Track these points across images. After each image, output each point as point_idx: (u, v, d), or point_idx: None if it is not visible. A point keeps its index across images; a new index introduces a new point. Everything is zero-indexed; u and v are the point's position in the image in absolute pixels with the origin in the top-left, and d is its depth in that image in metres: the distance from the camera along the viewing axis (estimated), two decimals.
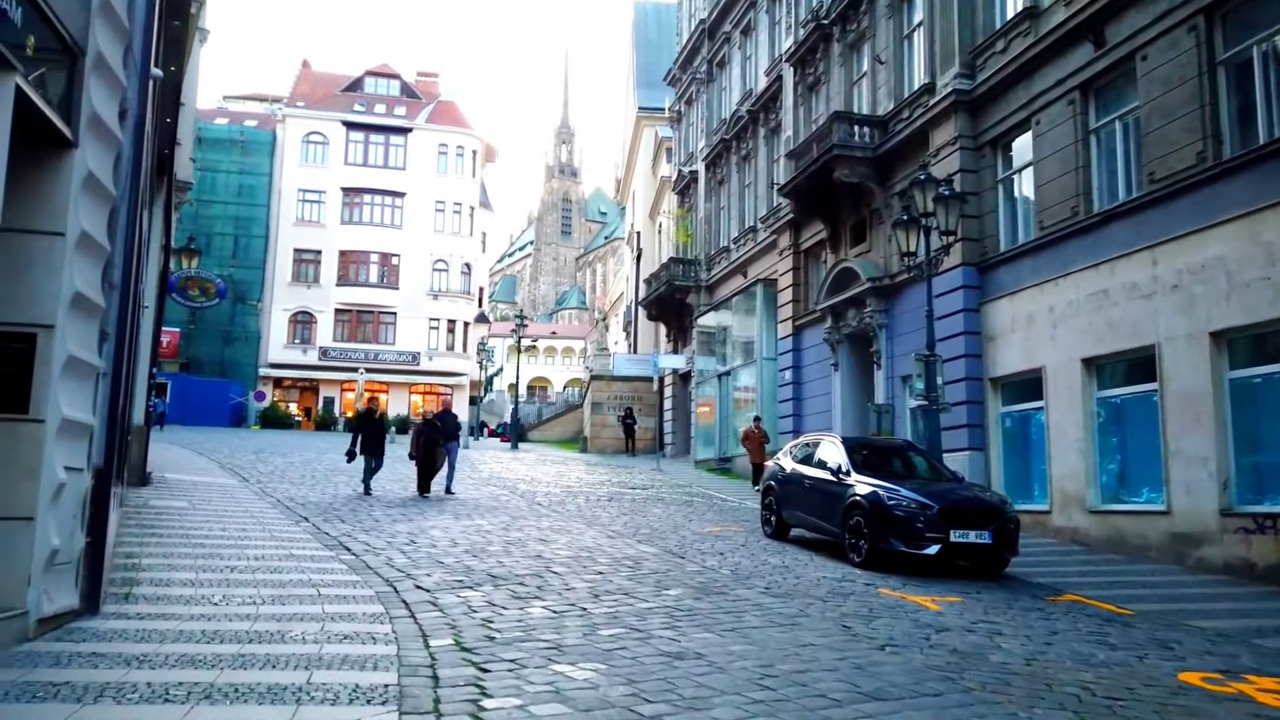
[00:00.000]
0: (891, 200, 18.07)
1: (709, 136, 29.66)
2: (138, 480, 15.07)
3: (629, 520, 13.97)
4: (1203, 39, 11.24)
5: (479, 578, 8.34)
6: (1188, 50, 11.43)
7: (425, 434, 15.86)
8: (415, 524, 12.16)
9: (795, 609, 7.54)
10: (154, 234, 15.47)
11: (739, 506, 17.04)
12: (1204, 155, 11.06)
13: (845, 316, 19.36)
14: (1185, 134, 11.38)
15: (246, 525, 11.20)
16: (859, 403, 19.38)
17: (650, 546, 11.02)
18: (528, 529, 12.12)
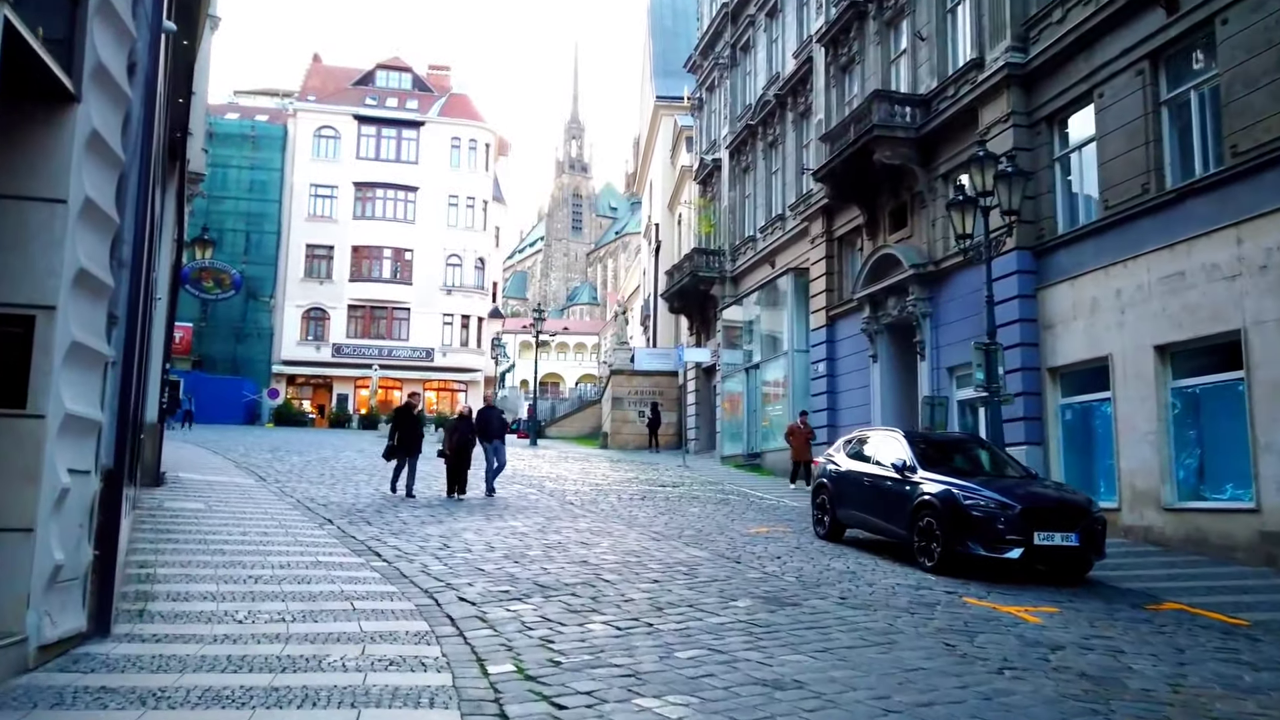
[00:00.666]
0: (935, 183, 17.22)
1: (732, 123, 28.83)
2: (151, 481, 14.38)
3: (669, 520, 13.21)
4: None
5: (526, 587, 7.59)
6: (1275, 11, 10.57)
7: (459, 430, 15.03)
8: (446, 526, 11.43)
9: (882, 623, 6.76)
10: (166, 223, 14.78)
11: (778, 505, 16.26)
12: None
13: (885, 305, 18.54)
14: (1273, 102, 10.51)
15: (268, 529, 10.48)
16: (900, 395, 18.57)
17: (699, 550, 10.25)
18: (565, 531, 11.37)
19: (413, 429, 14.90)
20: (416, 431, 15.03)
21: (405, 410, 15.43)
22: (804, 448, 18.83)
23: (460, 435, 14.95)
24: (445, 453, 15.01)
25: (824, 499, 11.78)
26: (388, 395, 53.51)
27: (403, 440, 14.68)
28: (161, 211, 14.43)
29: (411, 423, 15.02)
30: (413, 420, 15.11)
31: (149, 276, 7.53)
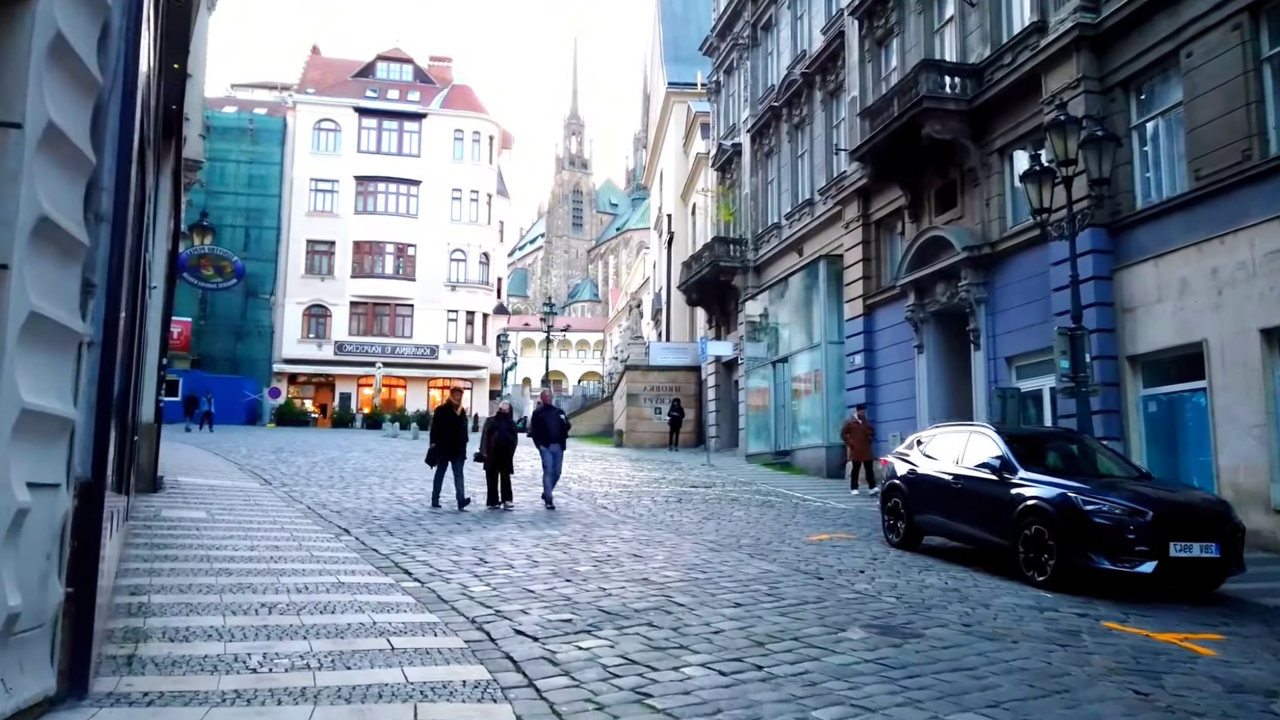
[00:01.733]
0: (989, 159, 16.00)
1: (753, 106, 27.59)
2: (148, 486, 13.17)
3: (718, 527, 12.00)
4: None
5: (590, 615, 6.38)
6: None
7: (497, 430, 13.46)
8: (477, 536, 10.22)
9: (1034, 660, 5.55)
10: (162, 204, 13.56)
11: (826, 507, 15.06)
12: None
13: (932, 292, 17.32)
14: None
15: (279, 541, 9.27)
16: (949, 388, 17.36)
17: (768, 562, 9.04)
18: (610, 541, 10.16)
19: (455, 430, 13.31)
20: (460, 433, 13.38)
21: (446, 409, 13.79)
22: (864, 446, 17.34)
23: (499, 436, 13.39)
24: (483, 456, 13.46)
25: (897, 503, 10.57)
26: (391, 394, 52.32)
27: (444, 443, 13.15)
28: (156, 191, 13.22)
29: (454, 423, 13.44)
30: (455, 421, 13.54)
31: (140, 241, 6.32)
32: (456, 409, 13.89)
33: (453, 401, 14.07)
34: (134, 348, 9.77)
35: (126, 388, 6.95)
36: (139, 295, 8.53)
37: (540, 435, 13.85)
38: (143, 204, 6.80)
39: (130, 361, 7.49)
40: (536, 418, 14.12)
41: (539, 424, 13.98)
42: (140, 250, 9.06)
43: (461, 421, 13.71)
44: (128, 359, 6.85)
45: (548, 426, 13.87)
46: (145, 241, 10.56)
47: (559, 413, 14.53)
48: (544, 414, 14.19)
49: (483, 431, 13.82)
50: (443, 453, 13.10)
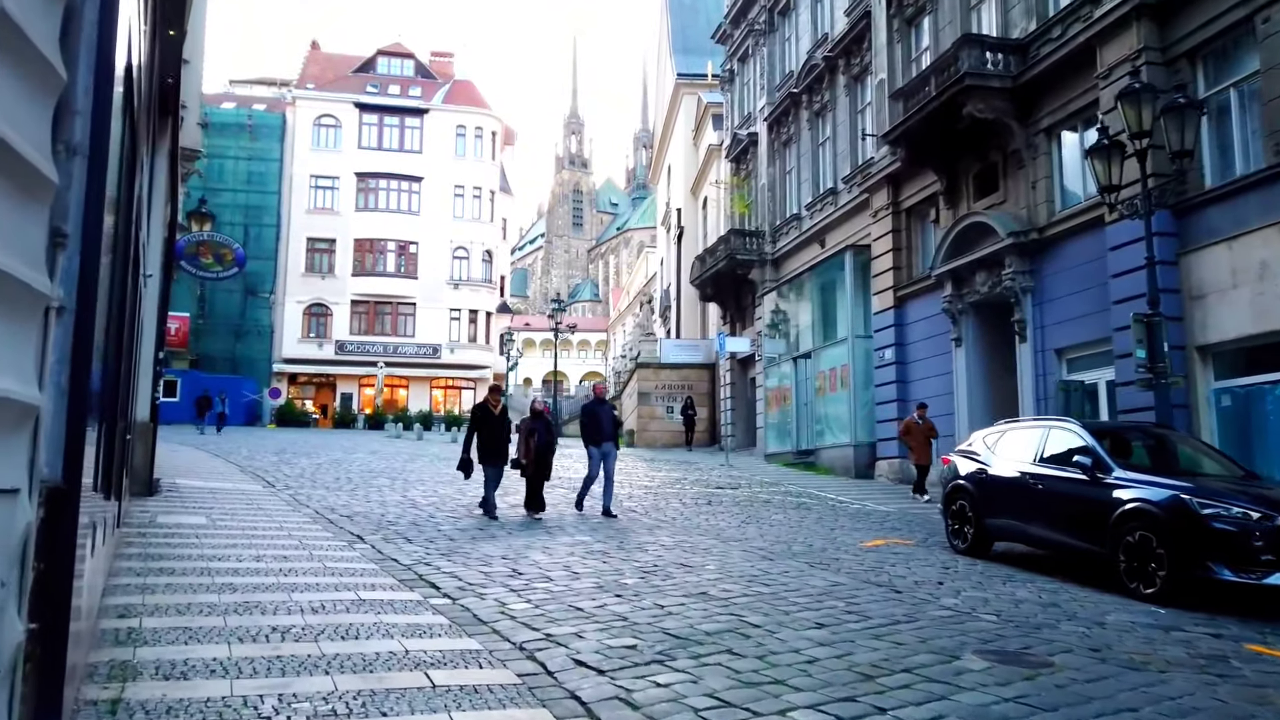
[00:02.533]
0: (1035, 139, 15.09)
1: (770, 93, 26.68)
2: (143, 489, 12.26)
3: (761, 531, 11.10)
4: None
5: (656, 640, 5.46)
6: None
7: (536, 433, 12.04)
8: (504, 544, 9.31)
9: (1202, 696, 4.65)
10: (158, 188, 12.65)
11: (867, 510, 14.15)
12: None
13: (971, 282, 16.42)
14: None
15: (287, 550, 8.35)
16: (990, 383, 16.46)
17: (832, 573, 8.13)
18: (650, 548, 9.25)
19: (497, 432, 11.80)
20: (502, 435, 11.90)
21: (485, 409, 12.07)
22: (924, 448, 15.64)
23: (540, 439, 11.97)
24: (521, 462, 11.92)
25: (963, 505, 9.66)
26: (393, 394, 51.41)
27: (487, 447, 11.62)
28: (152, 171, 12.31)
29: (495, 425, 11.87)
30: (496, 421, 11.92)
31: (131, 191, 5.40)
32: (497, 408, 12.07)
33: (491, 401, 12.17)
34: (127, 336, 8.86)
35: (116, 375, 6.04)
36: (129, 276, 7.64)
37: (594, 434, 12.24)
38: (134, 162, 5.89)
39: (120, 349, 6.59)
40: (589, 414, 12.48)
41: (593, 421, 12.36)
42: (133, 228, 8.16)
43: (504, 423, 12.05)
44: (117, 341, 5.95)
45: (602, 424, 12.28)
46: (139, 220, 9.66)
47: (611, 408, 12.96)
48: (597, 409, 12.50)
49: (521, 434, 12.28)
50: (486, 458, 11.61)
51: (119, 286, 5.79)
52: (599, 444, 12.21)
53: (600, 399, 12.87)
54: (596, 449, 12.25)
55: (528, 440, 11.98)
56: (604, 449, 12.19)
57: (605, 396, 13.30)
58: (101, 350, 5.70)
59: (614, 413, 12.77)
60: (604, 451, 12.19)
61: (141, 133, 8.23)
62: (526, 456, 11.87)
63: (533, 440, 11.94)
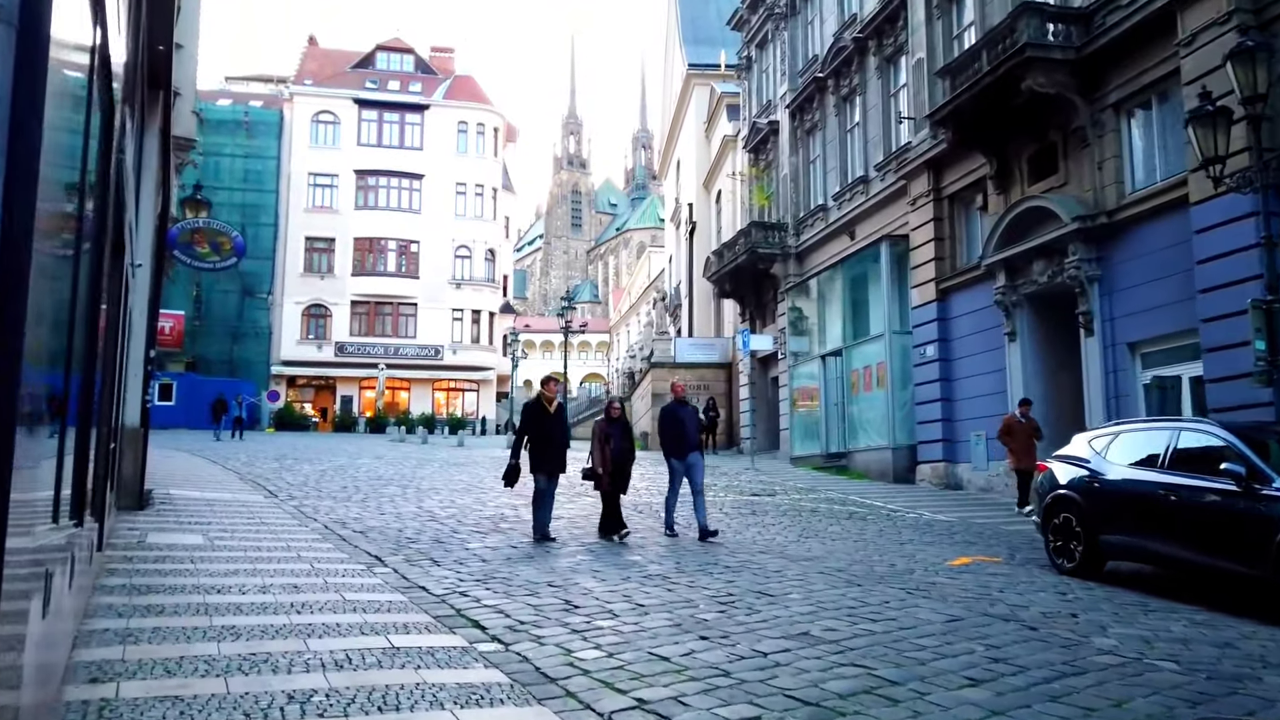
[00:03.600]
0: (1102, 115, 13.92)
1: (792, 79, 25.49)
2: (133, 502, 11.05)
3: (826, 548, 9.92)
4: None
5: (781, 709, 4.24)
6: None
7: (612, 439, 10.14)
8: (544, 565, 8.11)
9: None
10: (148, 169, 11.44)
11: (928, 520, 12.95)
12: None
13: (1027, 271, 15.24)
14: None
15: (298, 578, 7.13)
16: (1048, 380, 15.29)
17: (939, 602, 6.92)
18: (714, 571, 8.05)
19: (553, 434, 9.96)
20: (561, 437, 10.09)
21: (538, 406, 10.11)
22: (1027, 451, 13.07)
23: (616, 446, 10.12)
24: (596, 471, 10.04)
25: (1068, 519, 8.46)
26: (394, 397, 50.21)
27: (541, 453, 9.81)
28: (141, 147, 11.11)
29: (551, 425, 10.01)
30: (552, 420, 10.05)
31: (107, 158, 4.20)
32: (552, 404, 10.14)
33: (546, 395, 10.17)
34: (111, 331, 7.68)
35: (92, 374, 4.84)
36: (109, 261, 6.44)
37: (676, 443, 10.36)
38: (111, 118, 4.70)
39: (94, 344, 5.39)
40: (671, 418, 10.49)
41: (674, 426, 10.40)
42: (115, 207, 6.99)
43: (561, 422, 10.28)
44: (93, 335, 4.75)
45: (686, 430, 10.41)
46: (122, 199, 8.48)
47: (695, 410, 11.14)
48: (679, 412, 10.59)
49: (594, 441, 10.31)
50: (539, 466, 9.76)
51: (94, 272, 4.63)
52: (683, 455, 10.32)
53: (681, 400, 10.86)
54: (680, 462, 10.32)
55: (603, 448, 10.06)
56: (689, 461, 10.32)
57: (686, 396, 11.24)
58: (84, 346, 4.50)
59: (698, 413, 11.09)
60: (689, 464, 10.31)
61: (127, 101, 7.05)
62: (602, 465, 9.95)
63: (609, 447, 10.05)
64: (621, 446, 10.28)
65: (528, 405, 10.38)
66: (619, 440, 10.27)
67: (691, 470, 10.35)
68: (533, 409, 10.14)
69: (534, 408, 10.14)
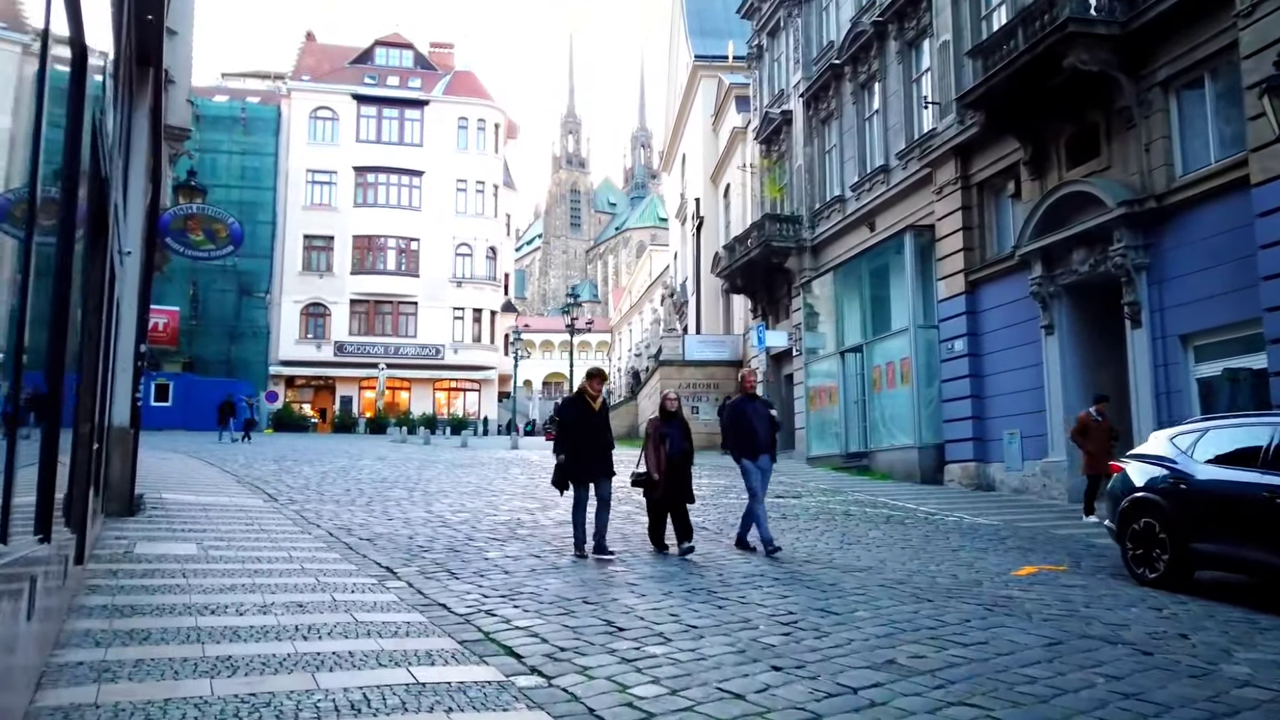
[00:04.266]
0: (1149, 94, 13.15)
1: (806, 68, 24.72)
2: (122, 508, 10.26)
3: (875, 556, 9.16)
4: None
5: None
6: None
7: (669, 438, 8.86)
8: (574, 577, 7.34)
9: None
10: (137, 151, 10.66)
11: (971, 524, 12.18)
12: None
13: (1067, 260, 14.48)
14: None
15: (302, 594, 6.36)
16: (1089, 375, 14.53)
17: (1028, 622, 6.15)
18: (758, 582, 7.31)
19: (597, 434, 8.63)
20: (605, 438, 8.73)
21: (580, 401, 8.78)
22: (1105, 454, 11.58)
23: (673, 446, 8.83)
24: (651, 476, 8.82)
25: (1150, 525, 7.69)
26: (394, 397, 49.43)
27: (584, 456, 8.52)
28: (130, 125, 10.33)
29: (596, 425, 8.68)
30: (598, 420, 8.73)
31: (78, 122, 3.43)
32: (597, 400, 8.78)
33: (590, 391, 8.76)
34: (95, 323, 6.90)
35: (61, 367, 4.07)
36: (84, 245, 5.67)
37: (746, 442, 9.00)
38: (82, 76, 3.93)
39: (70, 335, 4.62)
40: (739, 415, 9.14)
41: (742, 424, 9.04)
42: (100, 186, 6.23)
43: (603, 419, 8.89)
44: (64, 324, 3.98)
45: (757, 429, 9.02)
46: (108, 179, 7.71)
47: (769, 406, 9.52)
48: (747, 408, 9.17)
49: (646, 441, 9.01)
50: (580, 469, 8.52)
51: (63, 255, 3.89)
52: (755, 456, 8.97)
53: (750, 394, 9.42)
54: (753, 463, 8.94)
55: (657, 448, 8.81)
56: (761, 463, 9.00)
57: (756, 389, 9.78)
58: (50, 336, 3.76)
59: (769, 410, 9.35)
60: (762, 467, 9.02)
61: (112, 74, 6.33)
62: (659, 469, 8.71)
63: (664, 448, 8.78)
64: (681, 447, 8.84)
65: (569, 402, 9.07)
66: (677, 440, 8.81)
67: (764, 474, 9.14)
68: (575, 405, 8.81)
69: (576, 404, 8.80)
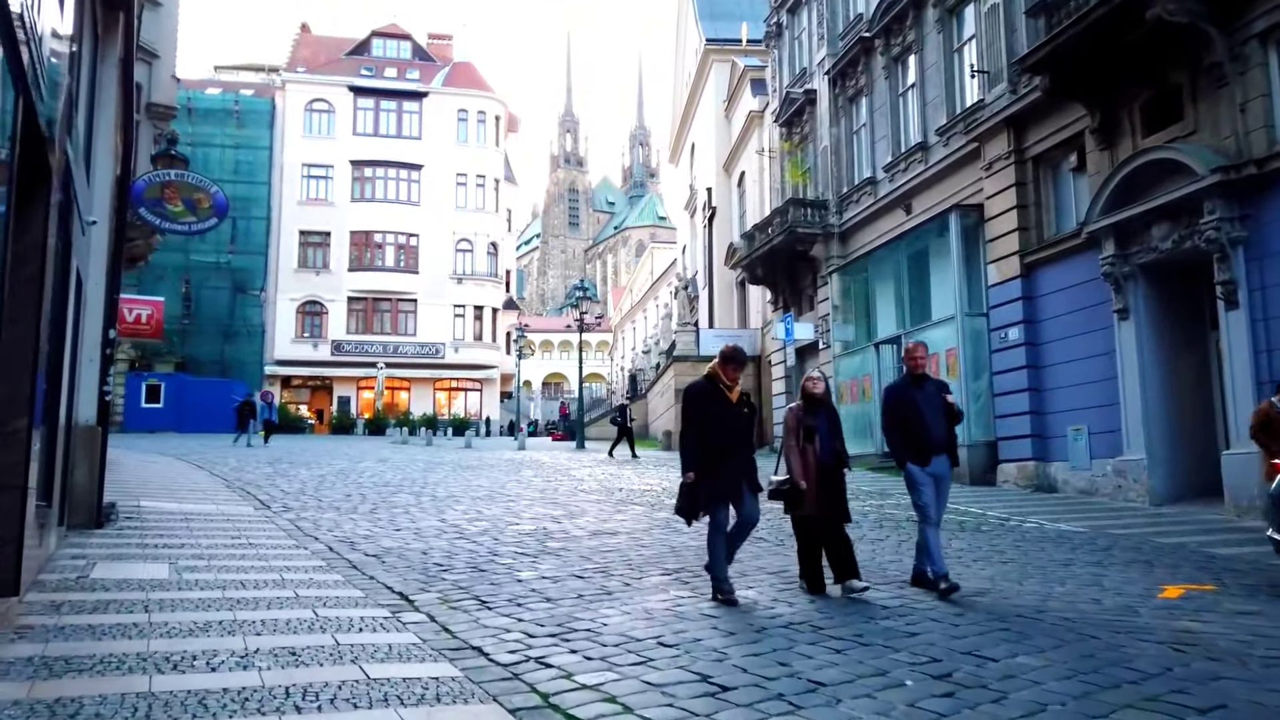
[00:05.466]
0: (1245, 49, 11.74)
1: (832, 43, 23.31)
2: (87, 519, 8.82)
3: (973, 574, 7.73)
4: None
5: None
6: None
7: (818, 432, 6.59)
8: (631, 605, 5.92)
9: None
10: (104, 105, 9.21)
11: (1056, 531, 10.76)
12: None
13: (1145, 237, 13.06)
14: None
15: (295, 633, 4.93)
16: (1171, 363, 13.12)
17: (1243, 668, 4.75)
18: (882, 620, 5.86)
19: (739, 436, 6.29)
20: (748, 438, 6.43)
21: (715, 390, 6.31)
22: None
23: (823, 447, 6.56)
24: (799, 487, 6.48)
25: None
26: (393, 397, 47.99)
27: (721, 465, 6.10)
28: (93, 78, 8.88)
29: (737, 423, 6.31)
30: (739, 418, 6.33)
31: None
32: (734, 390, 6.32)
33: (725, 377, 6.30)
34: (49, 303, 5.48)
35: None
36: (15, 199, 4.25)
37: (917, 440, 6.65)
38: None
39: None
40: (904, 401, 6.75)
41: (911, 415, 6.67)
42: (36, 128, 4.83)
43: (747, 417, 6.44)
44: None
45: (928, 422, 6.63)
46: (66, 128, 6.30)
47: (942, 389, 6.93)
48: (915, 394, 6.75)
49: (788, 438, 6.67)
50: (721, 484, 6.09)
51: None
52: (926, 459, 6.59)
53: (919, 374, 6.82)
54: (923, 470, 6.59)
55: (803, 448, 6.53)
56: (936, 469, 6.63)
57: (925, 368, 6.94)
58: None
59: (950, 399, 6.82)
60: (936, 474, 6.64)
61: None
62: (806, 476, 6.45)
63: (812, 447, 6.52)
64: (833, 446, 6.59)
65: (698, 391, 6.35)
66: (827, 437, 6.56)
67: (940, 484, 6.70)
68: (706, 395, 6.26)
69: (708, 393, 6.26)
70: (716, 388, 6.29)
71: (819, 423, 6.63)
